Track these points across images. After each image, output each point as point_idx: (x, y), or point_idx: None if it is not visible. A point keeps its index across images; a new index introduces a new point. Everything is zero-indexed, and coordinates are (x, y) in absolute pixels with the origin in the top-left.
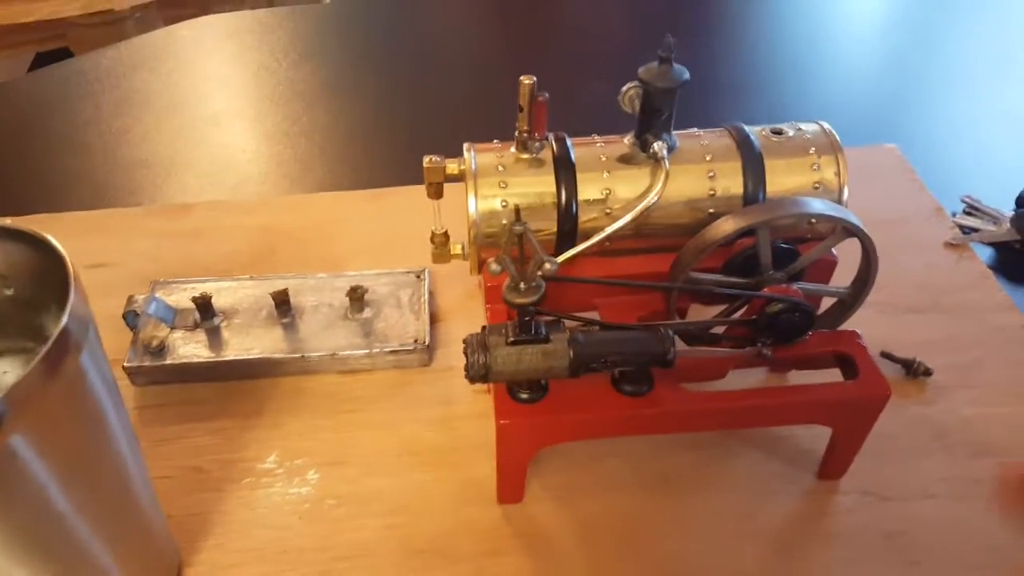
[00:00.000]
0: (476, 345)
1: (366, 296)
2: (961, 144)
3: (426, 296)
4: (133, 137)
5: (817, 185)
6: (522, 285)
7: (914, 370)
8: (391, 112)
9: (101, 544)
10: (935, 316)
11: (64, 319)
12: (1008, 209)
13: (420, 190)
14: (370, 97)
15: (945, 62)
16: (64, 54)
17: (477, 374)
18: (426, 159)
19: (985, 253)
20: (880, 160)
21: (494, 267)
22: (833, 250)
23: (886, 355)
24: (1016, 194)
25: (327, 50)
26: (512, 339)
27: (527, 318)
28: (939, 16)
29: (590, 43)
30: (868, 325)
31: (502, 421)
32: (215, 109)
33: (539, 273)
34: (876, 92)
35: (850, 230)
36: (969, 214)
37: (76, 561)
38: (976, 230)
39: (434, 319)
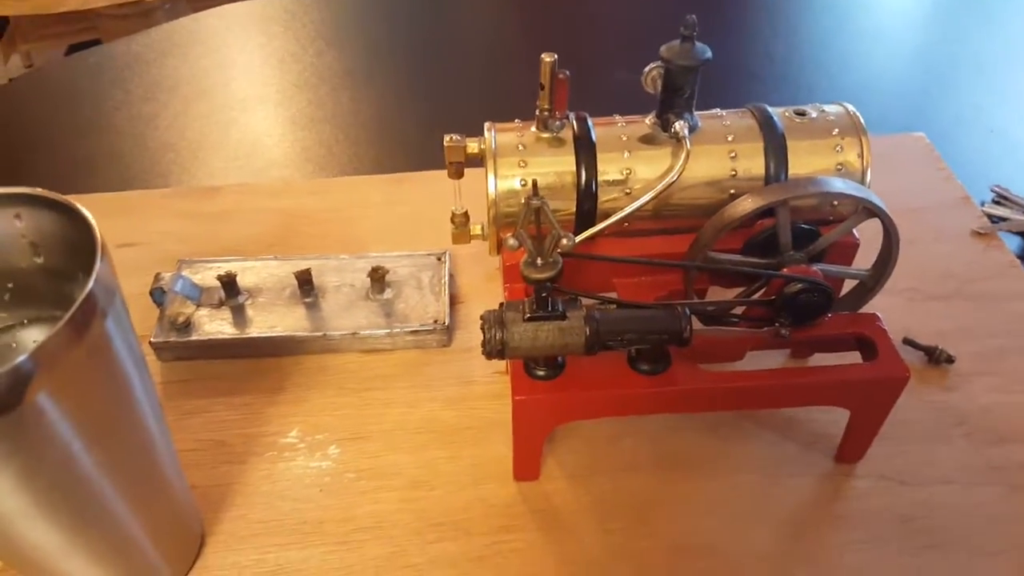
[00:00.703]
0: (493, 321)
1: (387, 277)
2: (992, 134)
3: (446, 278)
4: (161, 121)
5: (840, 166)
6: (539, 261)
7: (936, 357)
8: (413, 98)
9: (127, 508)
10: (959, 304)
11: (90, 284)
12: None
13: (441, 175)
14: (393, 84)
15: (976, 51)
16: (96, 45)
17: (494, 350)
18: (447, 138)
19: (1014, 242)
20: (908, 148)
21: (511, 242)
22: (855, 232)
23: (909, 342)
24: None
25: (351, 37)
26: (529, 315)
27: (544, 294)
28: (971, 5)
29: (614, 30)
30: (892, 312)
31: (518, 397)
32: (241, 95)
33: (556, 249)
34: (906, 81)
35: (871, 210)
36: (998, 203)
37: (104, 525)
38: (1005, 219)
39: (454, 300)
